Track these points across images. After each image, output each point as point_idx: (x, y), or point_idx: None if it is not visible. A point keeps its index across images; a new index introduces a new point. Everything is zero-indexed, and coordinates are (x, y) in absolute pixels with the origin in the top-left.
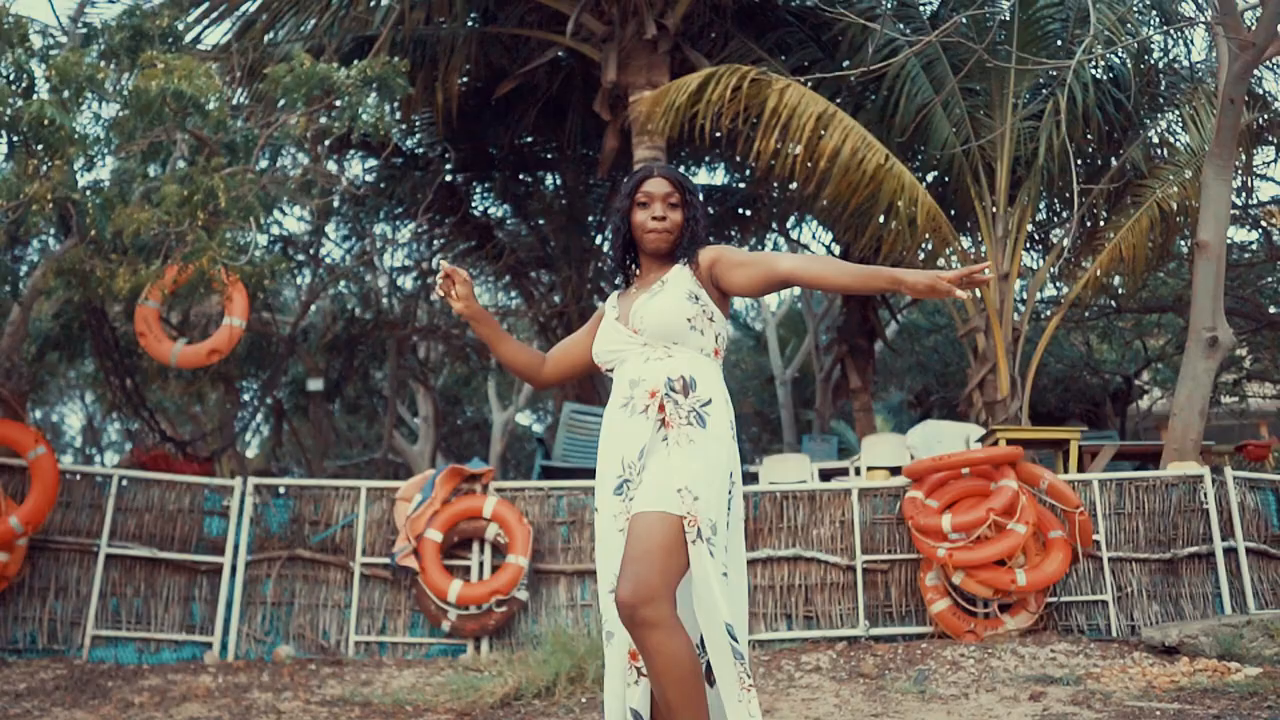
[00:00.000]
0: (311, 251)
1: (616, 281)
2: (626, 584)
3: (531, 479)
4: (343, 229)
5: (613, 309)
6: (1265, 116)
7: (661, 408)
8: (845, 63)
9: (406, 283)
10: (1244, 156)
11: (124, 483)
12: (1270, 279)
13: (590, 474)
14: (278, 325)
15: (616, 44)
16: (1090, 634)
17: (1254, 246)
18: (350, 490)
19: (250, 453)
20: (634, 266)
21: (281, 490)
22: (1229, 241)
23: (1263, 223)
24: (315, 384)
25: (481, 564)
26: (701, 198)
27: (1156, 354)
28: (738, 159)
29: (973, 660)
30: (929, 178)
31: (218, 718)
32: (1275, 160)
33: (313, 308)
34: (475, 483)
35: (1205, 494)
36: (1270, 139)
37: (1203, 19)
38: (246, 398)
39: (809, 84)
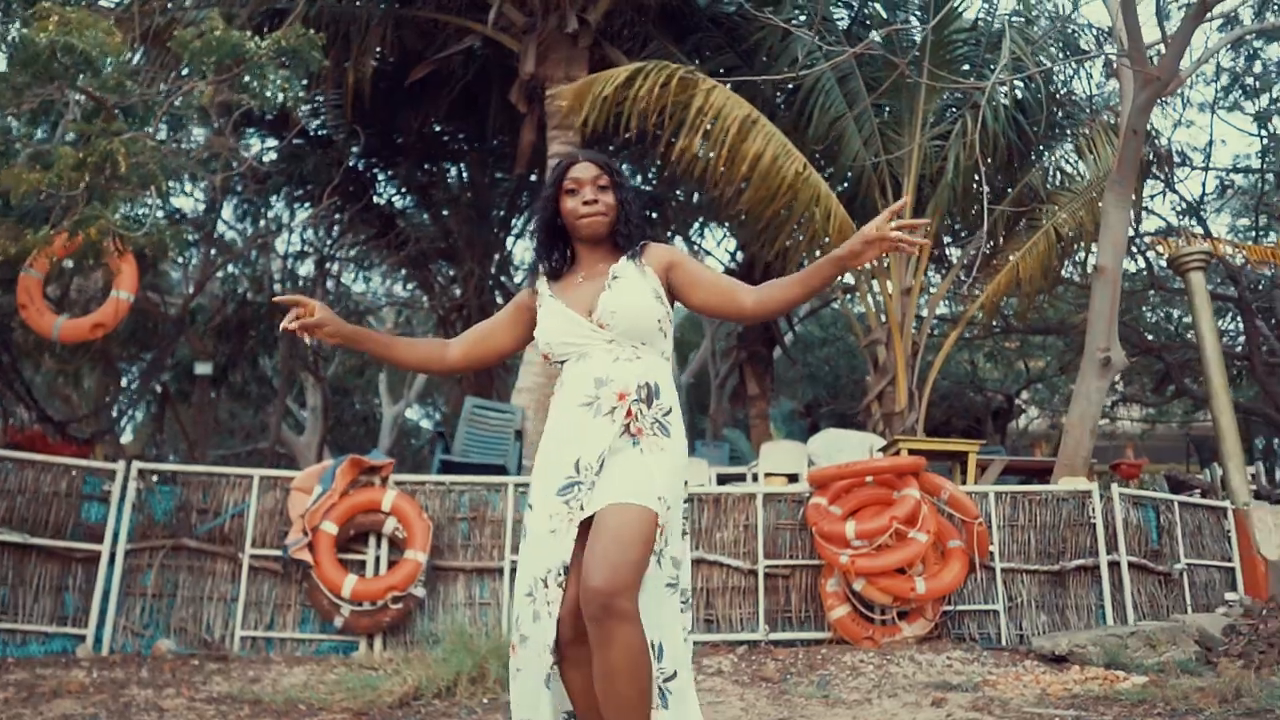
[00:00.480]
0: (205, 229)
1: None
2: (602, 573)
3: (424, 474)
4: (239, 209)
5: (550, 297)
6: (1154, 152)
7: (629, 413)
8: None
9: (302, 268)
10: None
11: None
12: (1146, 307)
13: (490, 469)
14: (165, 305)
15: (536, 36)
16: (982, 642)
17: (1135, 277)
18: (242, 479)
19: (125, 438)
20: (559, 258)
21: (154, 477)
22: None
23: (1148, 252)
24: (203, 367)
25: (378, 559)
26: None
27: (1037, 375)
28: (645, 161)
29: (872, 666)
30: (837, 189)
31: (94, 715)
32: (1162, 192)
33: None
34: (375, 475)
35: (1094, 509)
36: (1157, 173)
37: (1111, 53)
38: (125, 381)
39: (729, 87)
